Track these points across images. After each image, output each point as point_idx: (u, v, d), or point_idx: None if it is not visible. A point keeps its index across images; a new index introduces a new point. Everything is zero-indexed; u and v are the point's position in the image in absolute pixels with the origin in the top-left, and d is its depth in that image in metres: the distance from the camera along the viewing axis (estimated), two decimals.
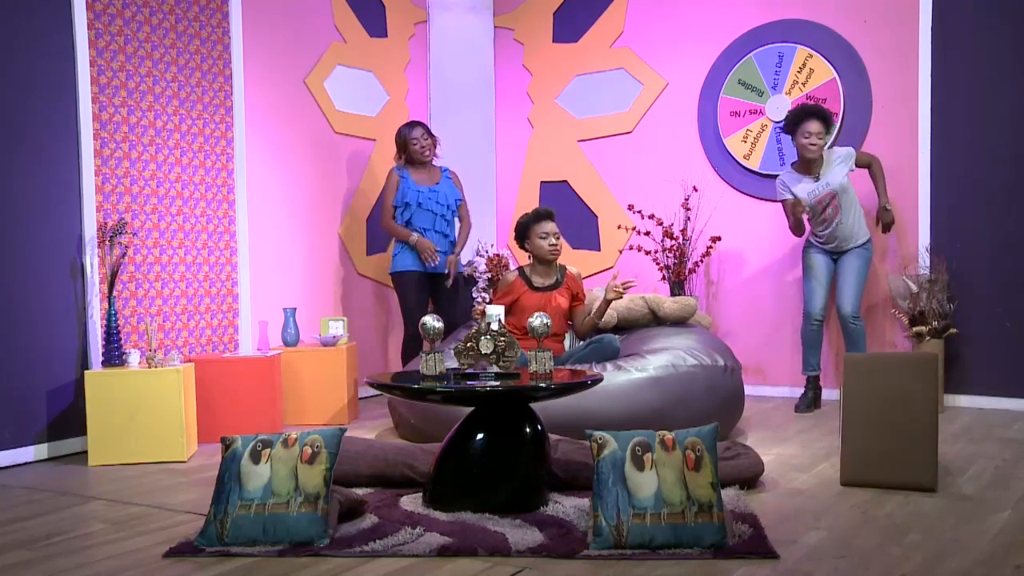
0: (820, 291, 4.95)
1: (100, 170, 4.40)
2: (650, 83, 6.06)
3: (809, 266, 5.00)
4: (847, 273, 4.89)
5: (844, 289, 4.87)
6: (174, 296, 4.74)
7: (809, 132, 4.80)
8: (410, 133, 5.24)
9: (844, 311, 4.84)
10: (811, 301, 4.97)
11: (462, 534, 2.70)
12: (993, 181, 5.00)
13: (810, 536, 2.70)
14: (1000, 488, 3.24)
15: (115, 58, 4.48)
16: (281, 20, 5.39)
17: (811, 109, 4.87)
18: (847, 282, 4.87)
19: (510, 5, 6.56)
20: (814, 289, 4.96)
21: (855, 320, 4.83)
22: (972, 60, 5.03)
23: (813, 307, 4.96)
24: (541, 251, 4.40)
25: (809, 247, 5.04)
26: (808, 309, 4.98)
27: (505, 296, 4.40)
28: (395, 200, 5.21)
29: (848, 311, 4.82)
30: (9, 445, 3.99)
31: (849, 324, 4.83)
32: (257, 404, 4.46)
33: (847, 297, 4.85)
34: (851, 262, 4.89)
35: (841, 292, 4.89)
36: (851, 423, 3.29)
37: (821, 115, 4.85)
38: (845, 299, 4.85)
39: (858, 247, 4.91)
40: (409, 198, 5.18)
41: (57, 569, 2.54)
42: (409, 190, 5.18)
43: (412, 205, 5.18)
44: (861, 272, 4.89)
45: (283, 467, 2.70)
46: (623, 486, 2.57)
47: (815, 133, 4.80)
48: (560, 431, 3.54)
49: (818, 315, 4.95)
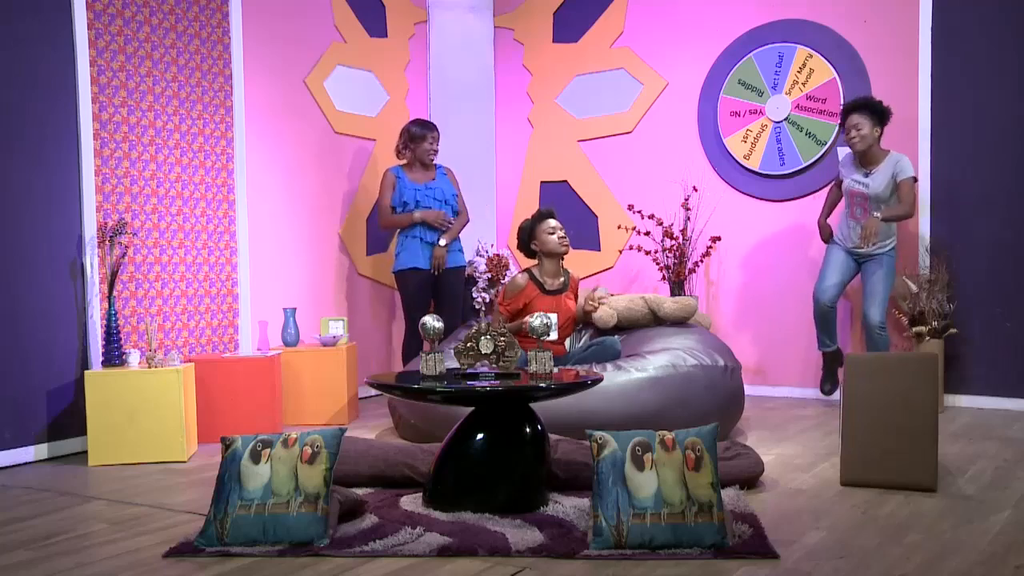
0: (833, 282, 4.88)
1: (100, 170, 4.40)
2: (650, 83, 6.06)
3: (828, 259, 4.95)
4: (872, 280, 4.81)
5: (870, 298, 4.79)
6: (174, 296, 4.74)
7: (850, 125, 4.79)
8: (428, 133, 5.22)
9: (871, 320, 4.75)
10: (819, 288, 4.90)
11: (462, 534, 2.70)
12: (993, 181, 5.00)
13: (810, 536, 2.70)
14: (1000, 488, 3.24)
15: (115, 58, 4.48)
16: (281, 20, 5.39)
17: (860, 101, 4.82)
18: (874, 290, 4.79)
19: (510, 5, 6.56)
20: (825, 278, 4.90)
21: (881, 330, 4.75)
22: (972, 60, 5.03)
23: (821, 295, 4.89)
24: (551, 245, 4.36)
25: (834, 244, 5.00)
26: (817, 295, 4.92)
27: (516, 301, 4.36)
28: (392, 200, 5.21)
29: (876, 320, 4.74)
30: (9, 445, 3.99)
31: (875, 333, 4.75)
32: (257, 404, 4.46)
33: (874, 306, 4.76)
34: (875, 269, 4.82)
35: (867, 300, 4.81)
36: (851, 423, 3.29)
37: (869, 107, 4.77)
38: (872, 308, 4.76)
39: (882, 253, 4.83)
40: (407, 196, 5.18)
41: (57, 569, 2.54)
42: (407, 189, 5.18)
43: (411, 203, 5.18)
44: (887, 279, 4.80)
45: (283, 467, 2.69)
46: (623, 486, 2.57)
47: (854, 126, 4.77)
48: (560, 431, 3.54)
49: (826, 301, 4.89)
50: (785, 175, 5.59)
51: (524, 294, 4.35)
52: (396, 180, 5.22)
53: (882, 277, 4.80)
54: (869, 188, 4.77)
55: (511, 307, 4.36)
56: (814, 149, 5.44)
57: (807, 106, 5.50)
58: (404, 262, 5.20)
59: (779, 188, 5.62)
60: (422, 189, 5.21)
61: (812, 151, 5.46)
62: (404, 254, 5.21)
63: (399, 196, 5.19)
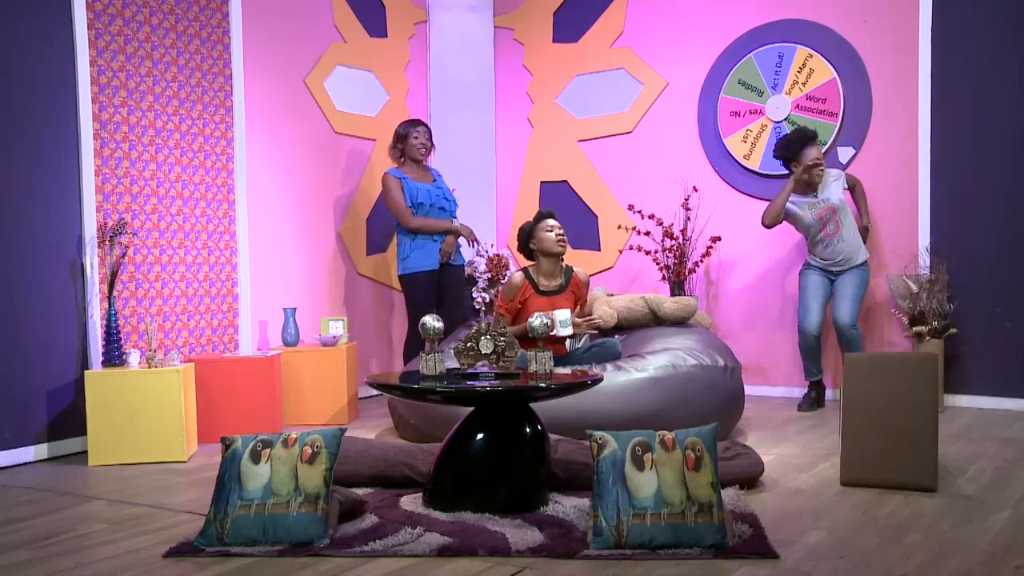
0: (816, 309, 4.96)
1: (100, 170, 4.40)
2: (650, 83, 6.06)
3: (805, 286, 5.03)
4: (844, 288, 4.91)
5: (841, 303, 4.89)
6: (174, 296, 4.74)
7: (815, 159, 4.89)
8: (412, 129, 5.24)
9: (842, 322, 4.84)
10: (806, 318, 4.98)
11: (462, 534, 2.70)
12: (993, 181, 5.00)
13: (810, 536, 2.70)
14: (1000, 488, 3.24)
15: (115, 58, 4.48)
16: (281, 20, 5.39)
17: (807, 135, 4.96)
18: (844, 296, 4.89)
19: (510, 5, 6.56)
20: (810, 307, 4.97)
21: (853, 328, 4.84)
22: (972, 60, 5.03)
23: (809, 324, 4.96)
24: (547, 243, 4.34)
25: (807, 268, 5.07)
26: (803, 326, 4.99)
27: (512, 300, 4.36)
28: (408, 200, 5.17)
29: (846, 321, 4.83)
30: (9, 445, 3.99)
31: (848, 332, 4.83)
32: (257, 404, 4.46)
33: (844, 309, 4.86)
34: (848, 280, 4.93)
35: (837, 306, 4.90)
36: (851, 423, 3.29)
37: (815, 138, 4.97)
38: (842, 312, 4.86)
39: (856, 267, 4.94)
40: (421, 198, 5.15)
41: (57, 569, 2.54)
42: (417, 190, 5.16)
43: (426, 204, 5.16)
44: (859, 289, 4.92)
45: (283, 467, 2.69)
46: (623, 486, 2.57)
47: (819, 158, 4.90)
48: (560, 431, 3.54)
49: (814, 331, 4.96)
50: (785, 175, 5.57)
51: (520, 293, 4.34)
52: (402, 182, 5.20)
53: (856, 286, 4.92)
54: (831, 201, 4.93)
55: (510, 307, 4.34)
56: None
57: (807, 106, 5.50)
58: (419, 264, 5.14)
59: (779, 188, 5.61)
60: (432, 189, 5.21)
61: None
62: (419, 254, 5.14)
63: (412, 197, 5.15)
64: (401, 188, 5.17)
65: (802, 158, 4.91)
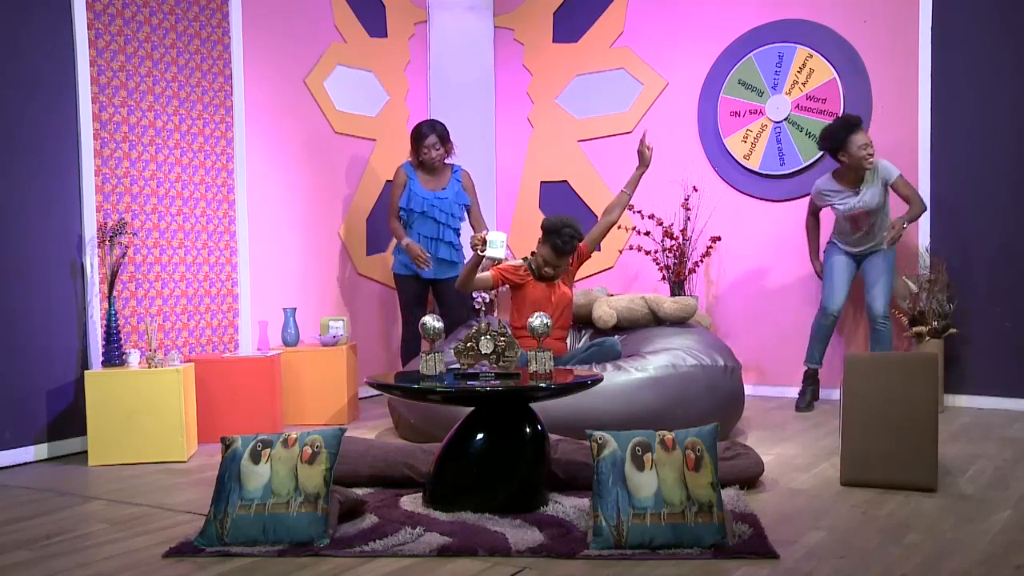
0: (841, 290, 4.92)
1: (100, 170, 4.40)
2: (650, 83, 6.06)
3: (831, 265, 4.98)
4: (874, 272, 4.86)
5: (873, 289, 4.84)
6: (174, 296, 4.74)
7: (863, 143, 4.73)
8: (423, 141, 5.13)
9: (875, 311, 4.81)
10: (829, 298, 4.94)
11: (462, 534, 2.70)
12: (993, 181, 5.00)
13: (810, 536, 2.70)
14: (1000, 488, 3.24)
15: (115, 58, 4.48)
16: (281, 20, 5.39)
17: (851, 121, 4.79)
18: (876, 282, 4.84)
19: (510, 5, 6.56)
20: (835, 288, 4.93)
21: (884, 320, 4.81)
22: (972, 60, 5.03)
23: (831, 304, 4.92)
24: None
25: (832, 247, 5.02)
26: (825, 304, 4.95)
27: (513, 273, 4.38)
28: (401, 201, 5.18)
29: (879, 311, 4.80)
30: (9, 445, 3.99)
31: (879, 323, 4.81)
32: (257, 404, 4.46)
33: (877, 297, 4.82)
34: (877, 263, 4.86)
35: (870, 292, 4.86)
36: (851, 423, 3.29)
37: (859, 123, 4.79)
38: (875, 299, 4.82)
39: (883, 249, 4.85)
40: (414, 204, 5.14)
41: (57, 569, 2.54)
42: (415, 196, 5.14)
43: (416, 211, 5.16)
44: (888, 272, 4.85)
45: (283, 467, 2.70)
46: (623, 486, 2.57)
47: (869, 143, 4.74)
48: (560, 431, 3.54)
49: (835, 311, 4.92)
50: (785, 175, 5.59)
51: (520, 275, 4.39)
52: (407, 180, 5.18)
53: (885, 269, 4.85)
54: (868, 204, 4.80)
55: (503, 274, 4.36)
56: (814, 149, 5.43)
57: (807, 106, 5.50)
58: (397, 266, 5.25)
59: (779, 188, 5.62)
60: (430, 198, 5.16)
61: (812, 151, 5.45)
62: (399, 257, 5.23)
63: (407, 200, 5.15)
64: (403, 187, 5.18)
65: (849, 145, 4.74)
